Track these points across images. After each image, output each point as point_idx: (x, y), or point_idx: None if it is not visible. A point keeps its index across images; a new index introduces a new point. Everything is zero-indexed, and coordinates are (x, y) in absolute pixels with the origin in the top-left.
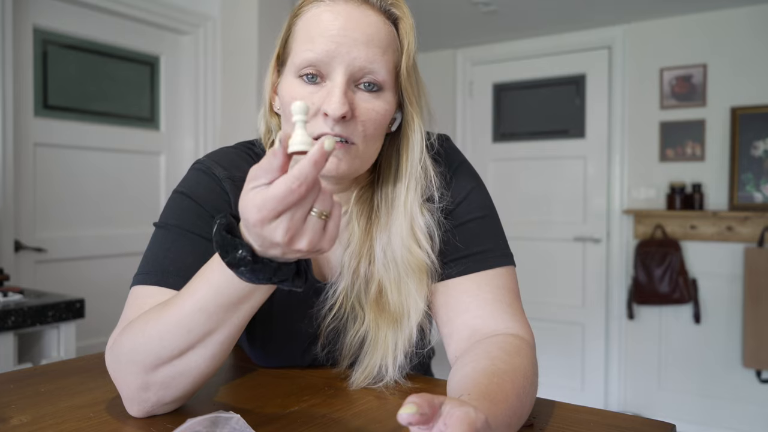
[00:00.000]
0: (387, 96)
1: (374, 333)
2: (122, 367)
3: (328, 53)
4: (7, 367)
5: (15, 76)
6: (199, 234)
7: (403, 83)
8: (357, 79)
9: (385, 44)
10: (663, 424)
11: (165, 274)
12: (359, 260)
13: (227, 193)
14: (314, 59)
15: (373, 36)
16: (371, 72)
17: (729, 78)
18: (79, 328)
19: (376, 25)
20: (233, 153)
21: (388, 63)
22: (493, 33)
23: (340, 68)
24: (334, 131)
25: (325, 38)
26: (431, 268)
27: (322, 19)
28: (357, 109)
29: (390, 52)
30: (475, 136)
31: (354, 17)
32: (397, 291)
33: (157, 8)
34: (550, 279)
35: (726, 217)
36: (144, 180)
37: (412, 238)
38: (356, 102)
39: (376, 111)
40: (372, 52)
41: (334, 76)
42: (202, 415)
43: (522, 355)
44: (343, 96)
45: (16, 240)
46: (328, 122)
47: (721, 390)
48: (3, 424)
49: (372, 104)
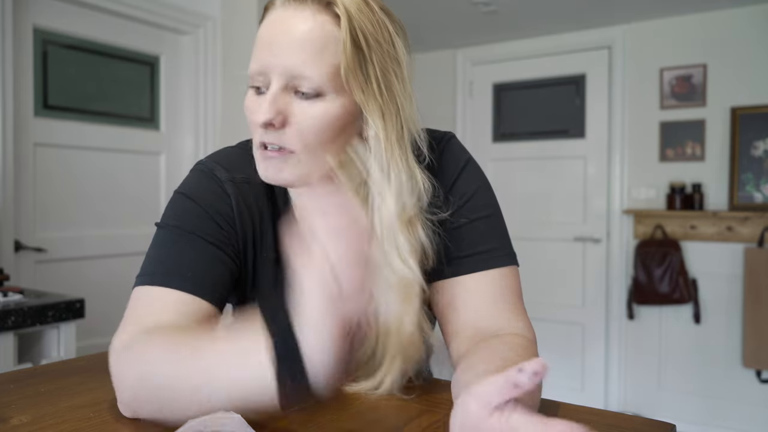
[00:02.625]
0: (330, 100)
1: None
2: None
3: (263, 64)
4: (7, 367)
5: (15, 76)
6: (200, 236)
7: (349, 81)
8: (295, 86)
9: (321, 45)
10: (663, 424)
11: (169, 276)
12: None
13: (229, 196)
14: (254, 70)
15: (305, 39)
16: (305, 77)
17: (729, 78)
18: (79, 328)
19: (311, 25)
20: (235, 153)
21: (324, 65)
22: (493, 33)
23: (274, 77)
24: (266, 139)
25: (262, 48)
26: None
27: (263, 27)
28: (291, 116)
29: (328, 53)
30: (475, 136)
31: (288, 21)
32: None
33: (157, 8)
34: (550, 279)
35: (726, 217)
36: (144, 180)
37: (394, 252)
38: (291, 109)
39: (312, 117)
40: (305, 54)
41: (272, 84)
42: (201, 417)
43: (529, 354)
44: (269, 104)
45: (16, 240)
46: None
47: (721, 390)
48: (3, 424)
49: (308, 110)
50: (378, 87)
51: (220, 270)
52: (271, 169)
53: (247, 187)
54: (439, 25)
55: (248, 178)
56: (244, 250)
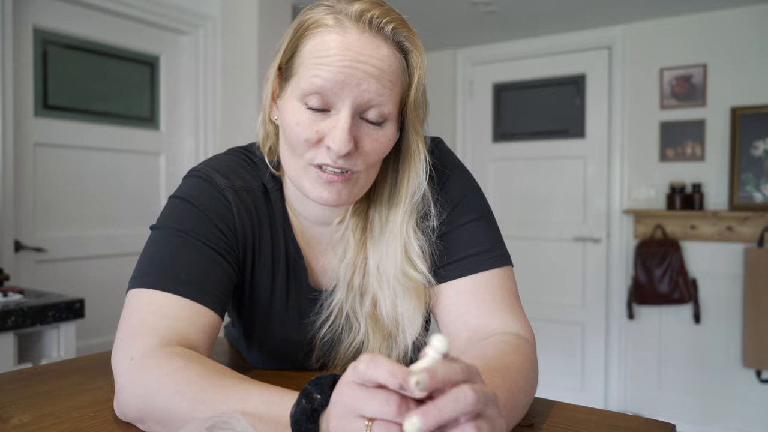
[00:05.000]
0: (390, 126)
1: (369, 344)
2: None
3: (336, 83)
4: (7, 367)
5: (15, 76)
6: (204, 242)
7: (409, 116)
8: (363, 111)
9: (395, 78)
10: (663, 424)
11: (176, 282)
12: (353, 272)
13: (229, 202)
14: (322, 87)
15: (383, 69)
16: (378, 105)
17: (729, 78)
18: (79, 328)
19: (388, 58)
20: (231, 160)
21: (395, 96)
22: (493, 33)
23: (348, 100)
24: (336, 164)
25: (335, 68)
26: (428, 287)
27: (332, 47)
28: (360, 142)
29: (398, 85)
30: (475, 136)
31: (366, 49)
32: (392, 306)
33: (157, 8)
34: (550, 279)
35: (726, 217)
36: (144, 180)
37: (407, 262)
38: (360, 134)
39: (379, 142)
40: (381, 85)
41: (340, 107)
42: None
43: (519, 353)
44: (348, 133)
45: (16, 240)
46: (331, 155)
47: (721, 390)
48: (3, 424)
49: (376, 136)
50: (423, 119)
51: (223, 278)
52: (331, 192)
53: (246, 194)
54: (439, 25)
55: (247, 186)
56: (243, 257)
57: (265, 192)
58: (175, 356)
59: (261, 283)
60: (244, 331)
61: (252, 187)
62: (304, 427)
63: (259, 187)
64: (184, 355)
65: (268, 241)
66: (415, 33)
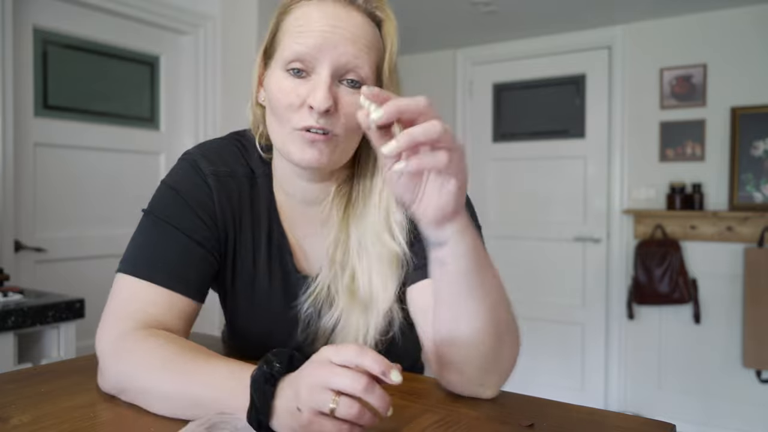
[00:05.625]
0: None
1: (346, 318)
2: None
3: (315, 47)
4: (7, 367)
5: (15, 76)
6: (184, 232)
7: (385, 82)
8: (341, 75)
9: (369, 44)
10: (663, 424)
11: (154, 270)
12: (335, 248)
13: (211, 190)
14: (302, 52)
15: (358, 34)
16: (355, 67)
17: (729, 78)
18: (79, 328)
19: (361, 25)
20: (224, 145)
21: (371, 61)
22: (493, 33)
23: (326, 62)
24: (318, 123)
25: (313, 33)
26: (403, 258)
27: (311, 16)
28: (340, 103)
29: (373, 52)
30: (475, 136)
31: (341, 16)
32: (368, 278)
33: (157, 8)
34: (550, 279)
35: (726, 217)
36: (144, 180)
37: (385, 229)
38: (339, 96)
39: (357, 105)
40: (357, 48)
41: (320, 70)
42: (203, 417)
43: None
44: (328, 90)
45: (16, 240)
46: (313, 115)
47: (721, 390)
48: (3, 424)
49: (354, 98)
50: (398, 90)
51: (202, 266)
52: (314, 152)
53: (230, 180)
54: (439, 25)
55: (232, 172)
56: (225, 244)
57: (252, 176)
58: (151, 337)
59: (243, 267)
60: (230, 318)
61: (237, 172)
62: (261, 387)
63: (245, 172)
64: (161, 336)
65: (248, 225)
66: (387, 3)
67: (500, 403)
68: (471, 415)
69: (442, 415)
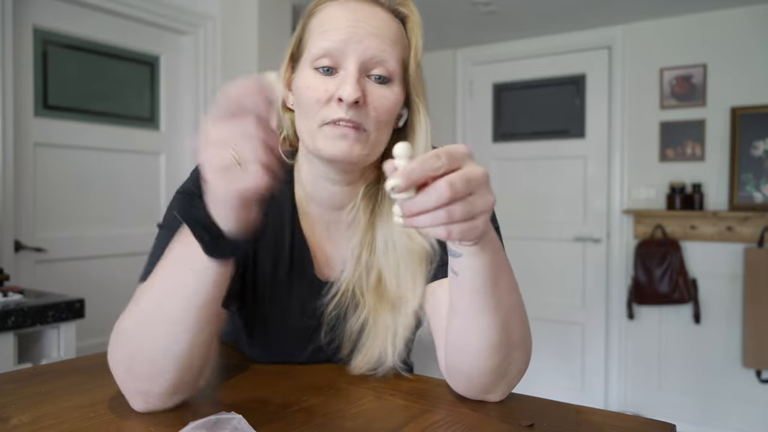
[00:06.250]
0: (395, 87)
1: (374, 319)
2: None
3: (342, 42)
4: (7, 367)
5: (15, 76)
6: None
7: (411, 77)
8: (368, 69)
9: (394, 39)
10: (663, 424)
11: None
12: (361, 250)
13: None
14: (329, 48)
15: (383, 29)
16: (382, 61)
17: (729, 78)
18: (79, 328)
19: (386, 21)
20: None
21: (397, 56)
22: (493, 33)
23: (353, 56)
24: (347, 116)
25: (339, 29)
26: (431, 253)
27: (335, 15)
28: (369, 96)
29: (399, 47)
30: (475, 136)
31: (365, 13)
32: (395, 278)
33: (157, 8)
34: (550, 279)
35: (726, 217)
36: (144, 180)
37: None
38: (368, 89)
39: (387, 98)
40: (382, 42)
41: (347, 64)
42: (204, 417)
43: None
44: (356, 82)
45: (16, 240)
46: (342, 107)
47: (721, 390)
48: (3, 424)
49: (383, 92)
50: (423, 87)
51: None
52: (344, 145)
53: None
54: (439, 25)
55: None
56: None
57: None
58: None
59: (262, 275)
60: (246, 324)
61: None
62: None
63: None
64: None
65: (271, 233)
66: (410, 0)
67: (500, 402)
68: (471, 415)
69: (442, 415)
